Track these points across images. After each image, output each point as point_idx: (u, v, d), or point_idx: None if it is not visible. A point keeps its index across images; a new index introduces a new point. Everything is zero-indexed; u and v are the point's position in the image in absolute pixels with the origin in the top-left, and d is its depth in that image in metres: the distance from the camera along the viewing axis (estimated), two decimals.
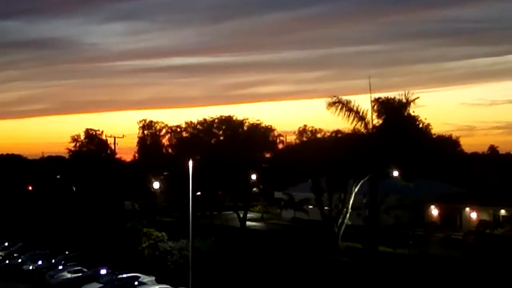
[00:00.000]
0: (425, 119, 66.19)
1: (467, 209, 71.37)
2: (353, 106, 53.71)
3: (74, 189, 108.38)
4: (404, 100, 53.50)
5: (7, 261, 60.18)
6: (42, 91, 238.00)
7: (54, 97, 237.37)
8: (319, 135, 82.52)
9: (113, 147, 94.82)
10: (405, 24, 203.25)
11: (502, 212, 67.43)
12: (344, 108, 53.69)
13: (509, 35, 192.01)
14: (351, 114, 53.78)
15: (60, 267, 54.35)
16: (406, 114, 55.12)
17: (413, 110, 55.71)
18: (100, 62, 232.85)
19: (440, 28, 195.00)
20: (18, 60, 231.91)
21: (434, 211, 74.77)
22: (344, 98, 54.53)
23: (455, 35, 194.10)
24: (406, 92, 53.75)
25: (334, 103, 53.88)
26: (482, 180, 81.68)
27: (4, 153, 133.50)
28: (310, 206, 69.96)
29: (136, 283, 45.78)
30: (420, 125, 63.18)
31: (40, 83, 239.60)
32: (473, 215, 69.98)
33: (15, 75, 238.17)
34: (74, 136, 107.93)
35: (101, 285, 46.98)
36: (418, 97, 53.80)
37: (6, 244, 66.80)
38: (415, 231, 56.75)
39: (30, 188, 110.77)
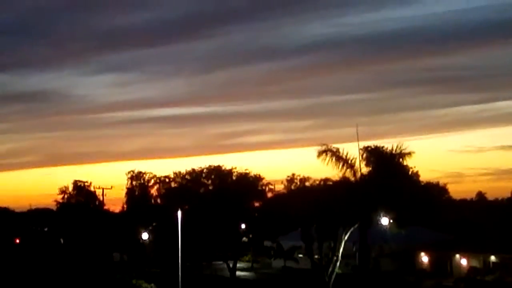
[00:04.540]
0: (414, 166, 66.60)
1: (457, 255, 71.18)
2: (342, 154, 54.08)
3: (62, 241, 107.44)
4: (397, 151, 53.98)
5: None
6: (31, 143, 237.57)
7: (42, 149, 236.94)
8: (307, 183, 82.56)
9: (101, 198, 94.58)
10: (392, 72, 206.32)
11: (492, 258, 67.29)
12: (333, 156, 54.01)
13: (495, 83, 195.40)
14: (340, 162, 54.12)
15: None
16: (395, 163, 55.51)
17: (406, 160, 56.30)
18: (89, 113, 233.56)
19: (427, 76, 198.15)
20: (7, 112, 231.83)
21: (424, 258, 74.56)
22: (333, 146, 55.03)
23: (442, 83, 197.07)
24: (399, 143, 54.51)
25: (323, 151, 54.17)
26: (471, 227, 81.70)
27: None
28: (300, 255, 69.49)
29: None
30: (409, 173, 63.49)
31: (29, 135, 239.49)
32: (464, 262, 69.81)
33: (4, 128, 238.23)
34: (62, 188, 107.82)
35: None
36: (413, 152, 54.46)
37: None
38: (406, 278, 56.49)
39: (17, 240, 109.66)
